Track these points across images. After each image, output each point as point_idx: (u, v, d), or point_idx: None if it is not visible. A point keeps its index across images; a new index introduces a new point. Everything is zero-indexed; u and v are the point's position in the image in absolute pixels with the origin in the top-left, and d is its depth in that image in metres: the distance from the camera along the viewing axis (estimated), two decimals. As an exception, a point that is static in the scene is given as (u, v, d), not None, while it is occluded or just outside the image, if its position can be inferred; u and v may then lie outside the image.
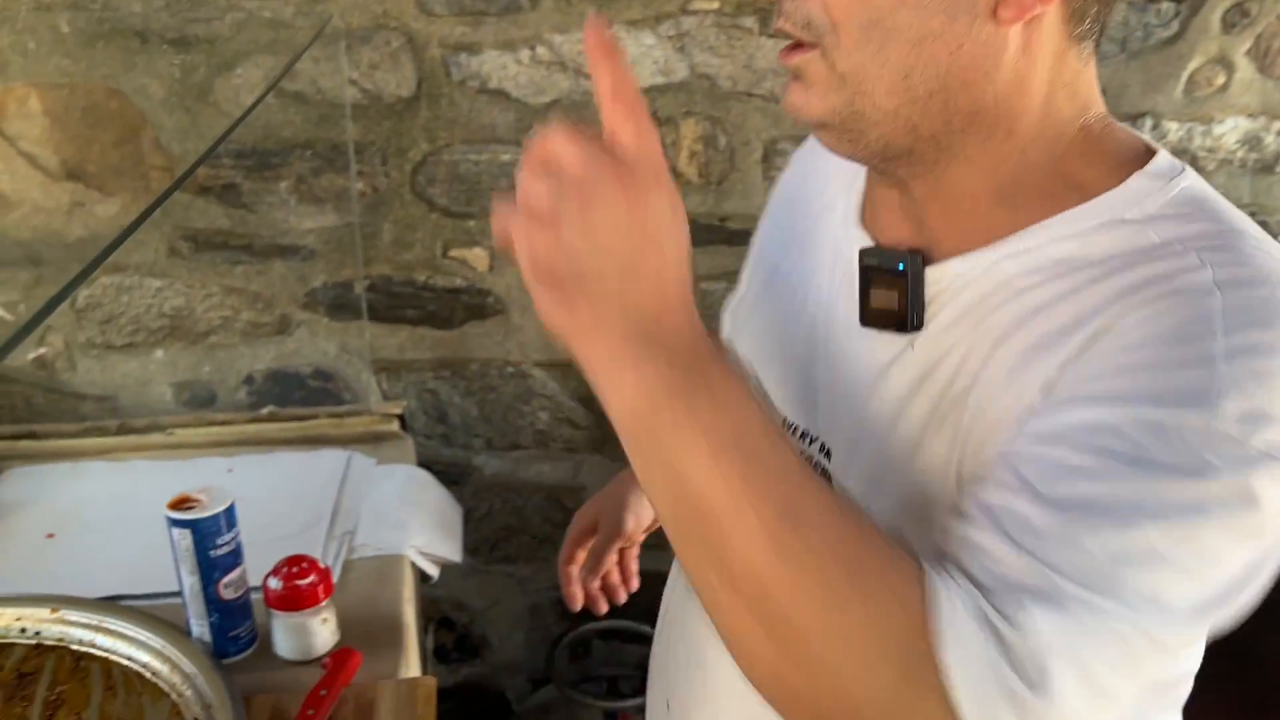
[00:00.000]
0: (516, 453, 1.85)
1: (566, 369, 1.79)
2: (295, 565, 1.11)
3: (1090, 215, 0.62)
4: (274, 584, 1.10)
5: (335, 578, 1.24)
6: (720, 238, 1.72)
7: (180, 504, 1.08)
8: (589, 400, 1.82)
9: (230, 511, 1.09)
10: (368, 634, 1.16)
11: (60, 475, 1.47)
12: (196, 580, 1.08)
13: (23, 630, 1.15)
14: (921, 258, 0.66)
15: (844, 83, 0.60)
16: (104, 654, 1.12)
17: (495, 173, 1.65)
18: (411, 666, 1.17)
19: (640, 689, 1.84)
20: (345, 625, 1.15)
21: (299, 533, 1.32)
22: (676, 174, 1.68)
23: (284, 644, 1.11)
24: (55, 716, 1.04)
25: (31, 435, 1.55)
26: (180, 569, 1.08)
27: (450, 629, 1.96)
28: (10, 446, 1.52)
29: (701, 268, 1.73)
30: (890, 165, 0.66)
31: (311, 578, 1.10)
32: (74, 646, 1.13)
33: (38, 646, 1.14)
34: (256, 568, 1.12)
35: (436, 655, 1.97)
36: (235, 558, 1.10)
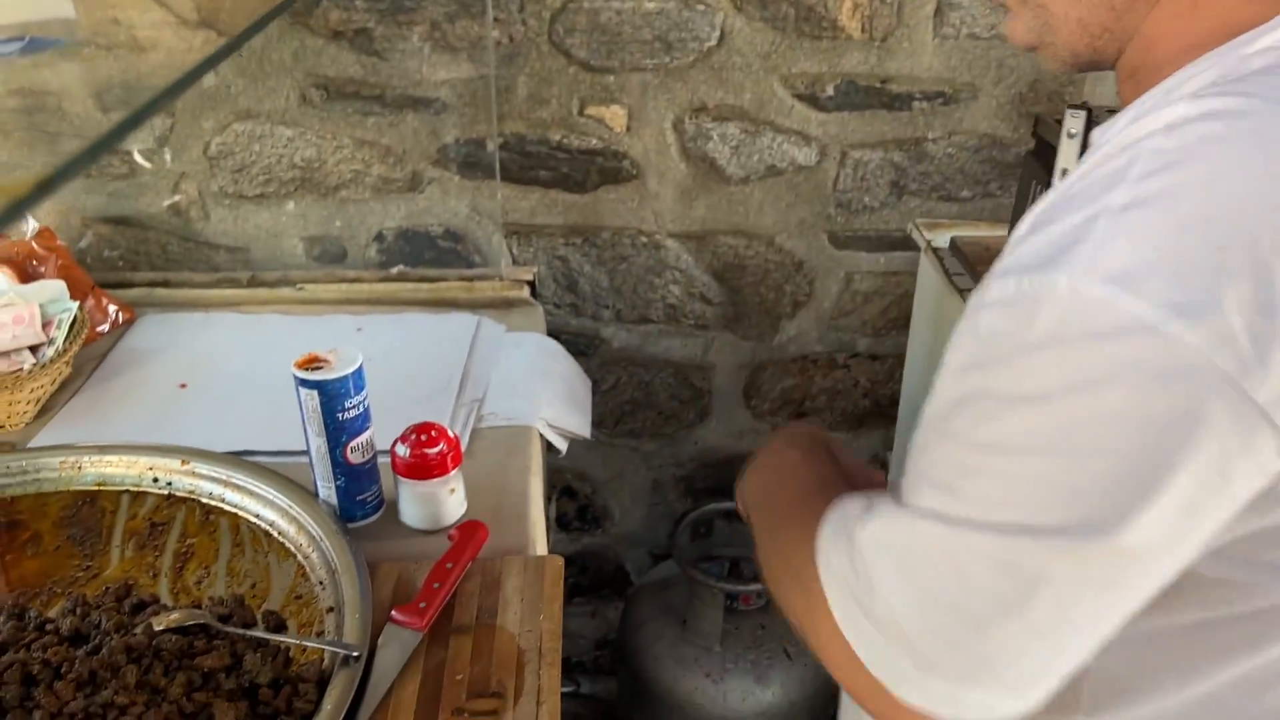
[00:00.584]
0: (645, 327, 1.78)
1: (702, 241, 1.70)
2: (424, 433, 1.06)
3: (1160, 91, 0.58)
4: (402, 451, 1.06)
5: (464, 447, 1.20)
6: (879, 102, 1.58)
7: (308, 364, 1.04)
8: (723, 275, 1.72)
9: (358, 374, 1.04)
10: (495, 506, 1.12)
11: (193, 325, 1.46)
12: (324, 442, 1.05)
13: (155, 480, 1.15)
14: None
15: (1025, 2, 0.66)
16: (232, 510, 1.11)
17: (638, 23, 1.53)
18: (538, 542, 1.13)
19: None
20: (472, 496, 1.12)
21: (427, 398, 1.29)
22: (836, 28, 1.53)
23: (411, 513, 1.08)
24: (185, 568, 1.04)
25: (166, 284, 1.54)
26: (308, 430, 1.05)
27: (572, 498, 1.94)
28: (146, 294, 1.52)
29: (855, 134, 1.60)
30: (1093, 70, 0.67)
31: (440, 446, 1.06)
32: (204, 500, 1.13)
33: (169, 497, 1.13)
34: (384, 431, 1.08)
35: (558, 523, 1.96)
36: (363, 421, 1.06)
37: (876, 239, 1.70)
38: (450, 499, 1.08)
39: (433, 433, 1.06)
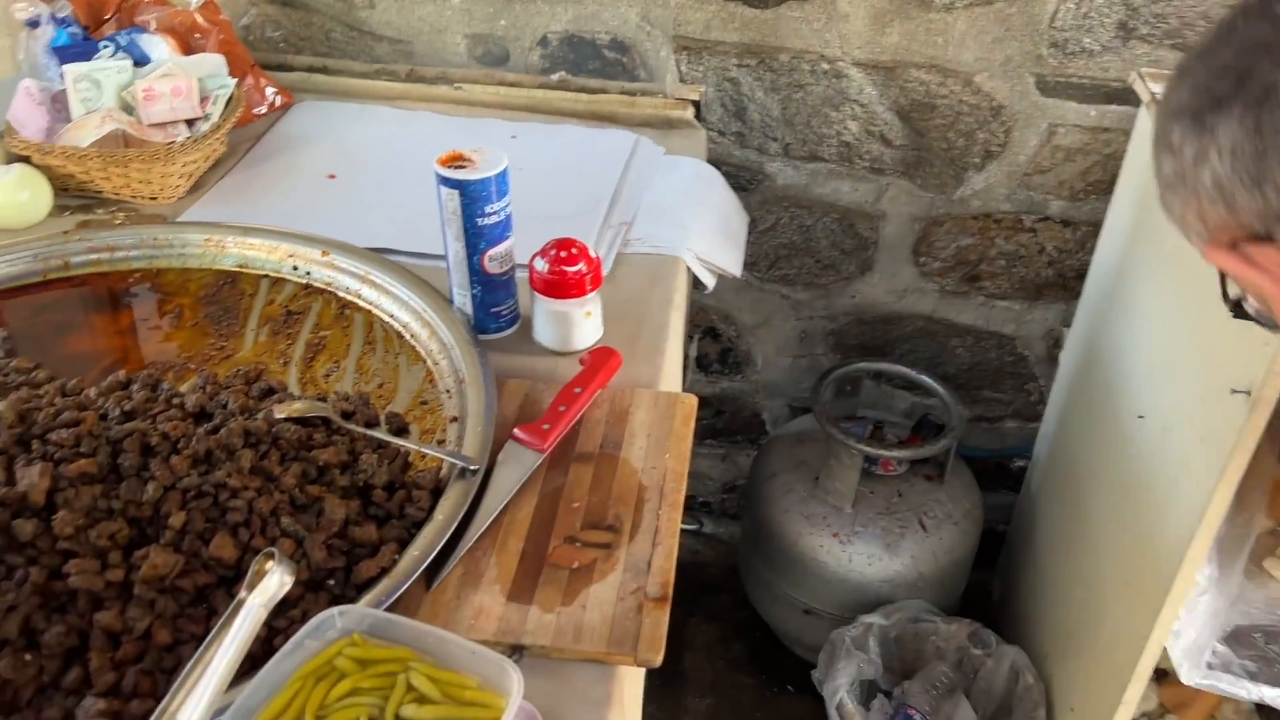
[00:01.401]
0: (814, 165, 1.64)
1: (890, 73, 1.54)
2: (565, 249, 1.00)
3: None
4: (540, 266, 1.00)
5: (606, 270, 1.14)
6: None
7: (452, 161, 0.98)
8: (908, 114, 1.57)
9: (502, 178, 0.98)
10: (632, 336, 1.05)
11: (348, 115, 1.42)
12: (462, 247, 1.00)
13: (294, 268, 1.13)
14: None
15: None
16: (367, 306, 1.09)
17: None
18: (672, 377, 1.06)
19: (910, 440, 1.72)
20: (610, 322, 1.05)
21: (573, 215, 1.21)
22: None
23: (544, 331, 1.03)
24: (315, 360, 1.02)
25: (325, 70, 1.50)
26: (446, 232, 1.00)
27: (715, 340, 1.87)
28: (304, 79, 1.48)
29: None
30: None
31: (580, 266, 0.99)
32: (340, 294, 1.10)
33: (307, 287, 1.11)
34: (526, 245, 1.02)
35: (698, 364, 1.89)
36: (503, 229, 1.00)
37: (1091, 88, 1.50)
38: (585, 322, 1.02)
39: (573, 250, 0.99)
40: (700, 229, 1.24)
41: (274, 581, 0.61)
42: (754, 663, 1.82)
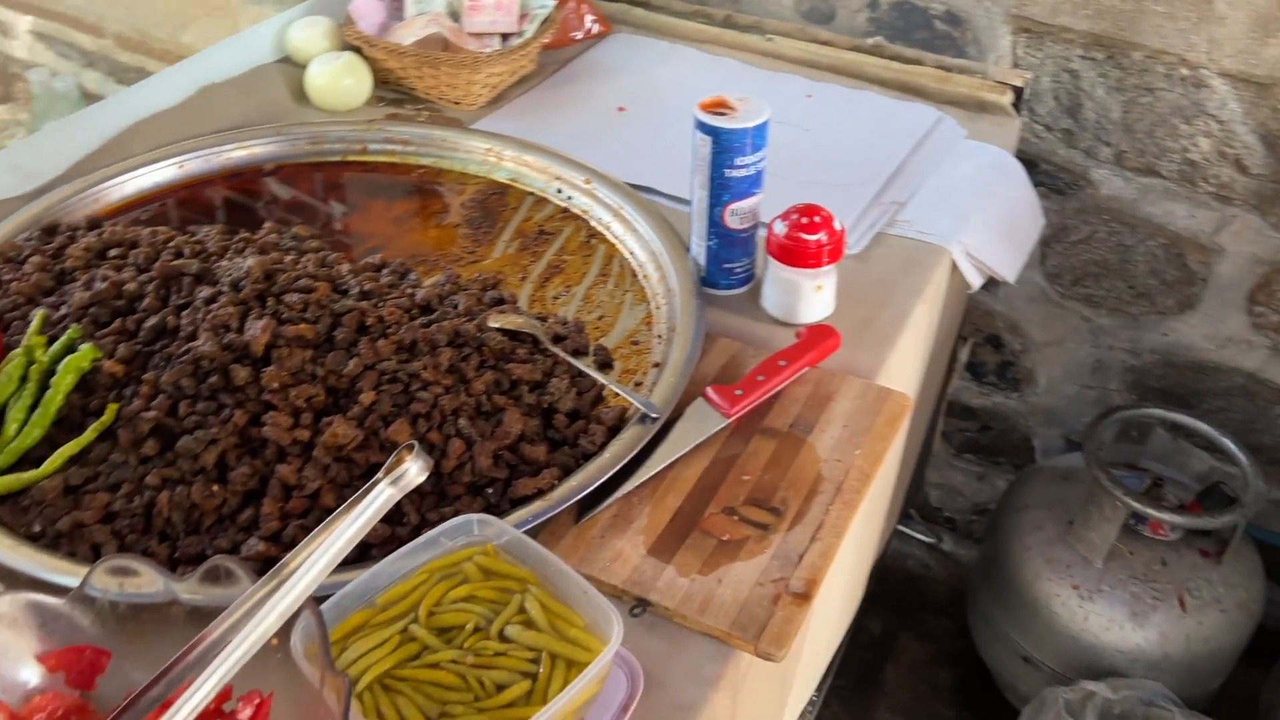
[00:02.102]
0: (1149, 180, 1.46)
1: (1263, 91, 1.33)
2: (808, 216, 0.95)
3: None
4: (779, 229, 0.96)
5: (857, 248, 1.07)
6: None
7: (714, 106, 0.96)
8: (1276, 141, 1.35)
9: (760, 131, 0.94)
10: (864, 320, 0.99)
11: (656, 53, 1.43)
12: (705, 196, 0.98)
13: (558, 191, 1.15)
14: None
15: None
16: (613, 240, 1.09)
17: None
18: (897, 374, 0.99)
19: (1192, 506, 1.51)
20: (846, 301, 1.00)
21: (843, 185, 1.15)
22: None
23: (770, 297, 0.99)
24: (550, 281, 1.04)
25: (645, 4, 1.51)
26: (694, 179, 0.98)
27: (997, 350, 1.73)
28: (625, 10, 1.50)
29: None
30: None
31: (820, 236, 0.94)
32: (592, 222, 1.12)
33: (564, 211, 1.14)
34: (781, 206, 0.98)
35: (970, 370, 1.77)
36: (751, 185, 0.97)
37: None
38: (814, 295, 0.97)
39: (816, 218, 0.94)
40: (980, 224, 1.14)
41: (410, 472, 0.63)
42: (957, 695, 1.70)
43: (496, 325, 0.92)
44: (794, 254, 0.94)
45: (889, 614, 1.80)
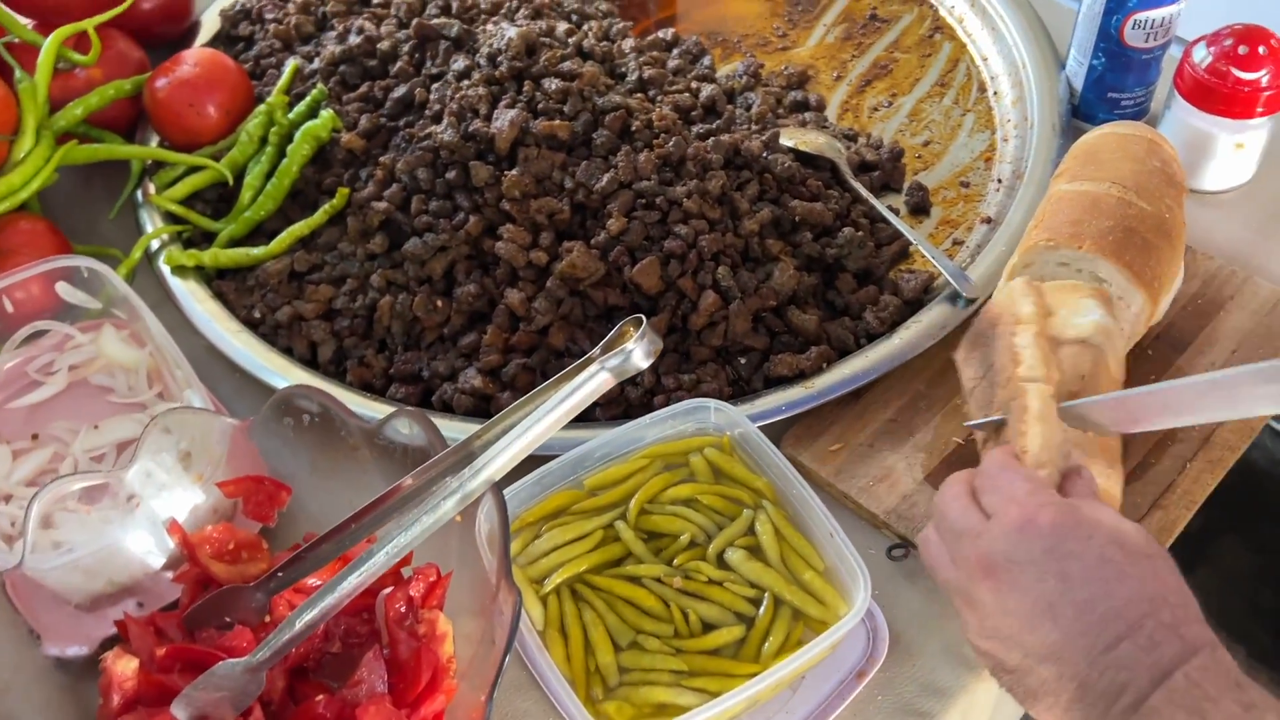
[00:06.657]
0: None
1: None
2: (1248, 43, 0.67)
3: None
4: (1198, 56, 0.69)
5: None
6: None
7: None
8: None
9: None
10: (1295, 198, 0.72)
11: None
12: (1100, 4, 0.71)
13: (905, -37, 0.91)
14: None
15: None
16: (964, 38, 0.86)
17: None
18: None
19: None
20: (1267, 171, 0.73)
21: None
22: None
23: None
24: (872, 84, 0.84)
25: None
26: (1091, -27, 0.72)
27: None
28: None
29: None
30: None
31: (1261, 74, 0.67)
32: (941, 10, 0.88)
33: (907, -9, 0.90)
34: (1207, 24, 0.71)
35: None
36: (1173, -10, 0.69)
37: None
38: (1232, 155, 0.71)
39: (1260, 49, 0.67)
40: None
41: (633, 356, 0.49)
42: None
43: (790, 143, 0.74)
44: (1215, 95, 0.68)
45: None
